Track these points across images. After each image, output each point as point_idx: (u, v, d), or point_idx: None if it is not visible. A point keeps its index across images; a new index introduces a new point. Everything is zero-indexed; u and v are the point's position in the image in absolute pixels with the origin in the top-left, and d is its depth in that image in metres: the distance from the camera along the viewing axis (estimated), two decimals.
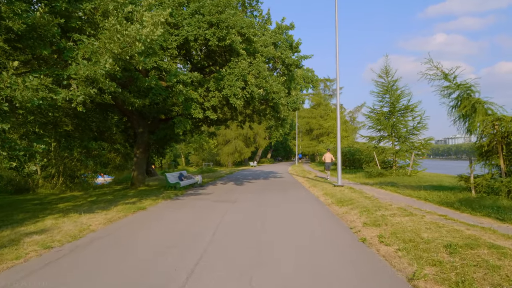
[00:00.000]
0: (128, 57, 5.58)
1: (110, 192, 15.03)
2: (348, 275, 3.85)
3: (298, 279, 3.75)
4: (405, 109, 15.61)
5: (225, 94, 10.32)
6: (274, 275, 3.89)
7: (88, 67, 5.17)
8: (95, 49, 5.45)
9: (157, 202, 10.28)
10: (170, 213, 8.26)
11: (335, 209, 8.32)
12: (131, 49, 5.52)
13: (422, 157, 15.88)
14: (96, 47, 5.44)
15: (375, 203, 8.17)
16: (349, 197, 9.61)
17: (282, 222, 6.91)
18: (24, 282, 3.86)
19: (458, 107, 7.81)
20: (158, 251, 4.90)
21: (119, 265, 4.33)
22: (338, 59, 12.61)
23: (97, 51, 5.44)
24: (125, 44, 5.44)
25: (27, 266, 4.33)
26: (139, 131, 15.72)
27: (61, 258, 4.61)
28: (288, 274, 3.90)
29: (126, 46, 5.48)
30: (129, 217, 7.74)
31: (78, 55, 5.57)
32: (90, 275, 3.99)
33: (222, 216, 7.64)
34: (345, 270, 4.02)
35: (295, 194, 12.09)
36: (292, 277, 3.81)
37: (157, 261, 4.42)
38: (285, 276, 3.84)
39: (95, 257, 4.68)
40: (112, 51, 5.37)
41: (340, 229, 6.24)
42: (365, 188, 12.21)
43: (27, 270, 4.15)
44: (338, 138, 12.52)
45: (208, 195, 12.05)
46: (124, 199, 11.10)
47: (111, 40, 5.30)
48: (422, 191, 9.99)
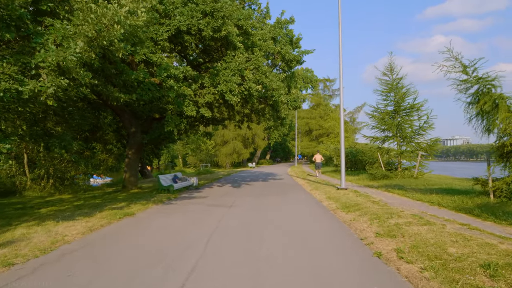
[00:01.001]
0: (105, 43, 4.82)
1: (100, 195, 14.24)
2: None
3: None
4: (410, 108, 14.88)
5: (220, 90, 9.56)
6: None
7: (56, 52, 4.41)
8: (67, 33, 4.69)
9: (147, 206, 9.49)
10: (160, 220, 7.48)
11: (341, 216, 7.56)
12: (109, 33, 4.77)
13: (429, 159, 15.17)
14: (68, 31, 4.68)
15: (385, 209, 7.42)
16: (355, 202, 8.85)
17: (282, 232, 6.14)
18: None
19: (476, 104, 7.08)
20: (137, 269, 4.13)
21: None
22: (341, 60, 11.88)
23: (69, 35, 4.69)
24: (101, 26, 4.68)
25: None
26: (131, 131, 14.94)
27: (16, 281, 3.83)
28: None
29: (103, 29, 4.73)
30: (112, 225, 6.95)
31: (49, 41, 4.81)
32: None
33: (216, 224, 6.87)
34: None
35: (296, 197, 11.33)
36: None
37: (134, 285, 3.65)
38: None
39: (58, 277, 3.91)
40: (86, 35, 4.62)
41: (350, 240, 5.48)
42: (370, 191, 11.47)
43: None
44: (342, 139, 11.78)
45: (203, 199, 11.28)
46: (112, 203, 10.32)
47: (85, 21, 4.54)
48: (434, 195, 9.25)
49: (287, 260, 4.39)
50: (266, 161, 59.48)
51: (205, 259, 4.48)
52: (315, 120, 49.97)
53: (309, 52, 13.02)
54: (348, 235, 5.83)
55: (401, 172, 14.73)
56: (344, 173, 11.75)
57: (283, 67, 13.26)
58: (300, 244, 5.17)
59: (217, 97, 15.72)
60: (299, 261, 4.35)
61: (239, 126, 18.36)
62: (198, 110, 10.60)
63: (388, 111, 15.49)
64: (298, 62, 13.15)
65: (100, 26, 4.62)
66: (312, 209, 8.81)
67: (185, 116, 15.57)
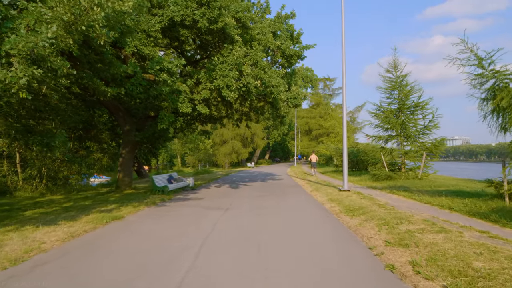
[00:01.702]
0: (83, 28, 4.27)
1: (93, 195, 13.68)
2: None
3: None
4: (415, 106, 14.34)
5: (217, 85, 9.00)
6: None
7: (26, 38, 3.87)
8: (40, 16, 4.14)
9: (139, 209, 8.94)
10: (149, 225, 6.93)
11: (345, 220, 7.01)
12: (88, 16, 4.23)
13: (434, 159, 14.64)
14: (42, 14, 4.13)
15: (393, 213, 6.88)
16: (359, 205, 8.31)
17: (282, 239, 5.59)
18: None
19: (492, 100, 6.54)
20: (114, 285, 3.58)
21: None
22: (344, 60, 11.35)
23: (43, 19, 4.14)
24: (79, 9, 4.14)
25: None
26: (125, 129, 14.39)
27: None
28: None
29: (81, 12, 4.19)
30: (97, 231, 6.40)
31: (21, 25, 4.27)
32: None
33: (210, 230, 6.32)
34: None
35: (296, 200, 10.79)
36: None
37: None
38: None
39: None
40: (62, 18, 4.07)
41: (357, 249, 4.94)
42: (374, 193, 10.93)
43: None
44: (345, 139, 11.25)
45: (199, 201, 10.73)
46: (102, 205, 9.78)
47: (60, 2, 4.00)
48: (443, 198, 8.71)
49: (289, 277, 3.85)
50: (265, 161, 58.93)
51: (193, 274, 3.93)
52: (315, 119, 49.40)
53: (311, 47, 12.46)
54: (354, 243, 5.28)
55: (405, 173, 14.20)
56: (347, 174, 11.20)
57: (283, 63, 12.72)
58: (303, 255, 4.62)
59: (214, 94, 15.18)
60: (302, 276, 3.81)
61: (237, 125, 17.82)
62: (194, 107, 10.05)
63: (392, 109, 14.94)
64: (299, 58, 12.61)
65: (78, 9, 4.07)
66: (313, 212, 8.26)
67: (181, 114, 15.05)
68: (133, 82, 7.63)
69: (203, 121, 15.67)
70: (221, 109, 17.39)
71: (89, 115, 18.35)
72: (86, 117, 18.22)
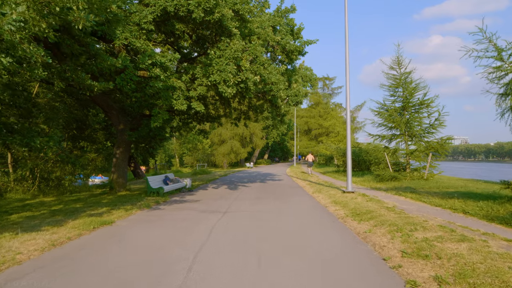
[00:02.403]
0: (57, 9, 3.73)
1: (85, 197, 13.11)
2: None
3: None
4: (420, 104, 13.83)
5: (213, 81, 8.45)
6: None
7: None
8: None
9: (130, 213, 8.38)
10: (140, 231, 6.37)
11: (352, 225, 6.48)
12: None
13: (440, 159, 14.13)
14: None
15: (404, 218, 6.35)
16: (365, 208, 7.78)
17: (285, 250, 5.05)
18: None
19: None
20: None
21: None
22: (348, 57, 10.82)
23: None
24: None
25: None
26: (119, 128, 13.82)
27: None
28: None
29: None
30: (82, 238, 5.84)
31: None
32: None
33: (206, 237, 5.77)
34: None
35: (298, 202, 10.25)
36: None
37: None
38: None
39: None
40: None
41: (370, 260, 4.40)
42: (379, 194, 10.41)
43: None
44: (348, 139, 10.72)
45: (195, 203, 10.18)
46: (93, 208, 9.22)
47: None
48: (454, 200, 8.19)
49: None
50: (264, 161, 58.40)
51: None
52: (315, 119, 48.91)
53: (312, 42, 11.92)
54: (366, 253, 4.74)
55: (410, 173, 13.68)
56: (351, 175, 10.67)
57: (284, 58, 12.17)
58: (309, 268, 4.09)
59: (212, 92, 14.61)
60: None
61: (235, 124, 17.26)
62: (190, 104, 9.50)
63: (396, 107, 14.42)
64: (299, 53, 12.06)
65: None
66: (317, 217, 7.72)
67: (177, 112, 14.49)
68: (124, 77, 7.07)
69: (200, 120, 15.11)
70: (219, 107, 16.85)
71: (83, 114, 17.80)
72: (80, 116, 17.70)
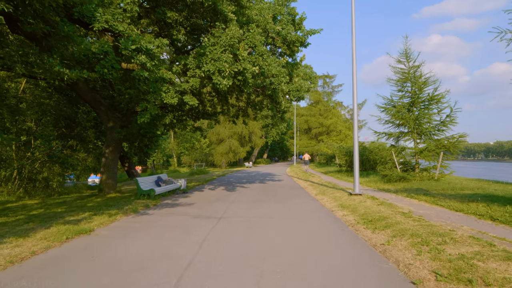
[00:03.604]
0: None
1: (72, 200, 12.24)
2: None
3: None
4: (429, 99, 12.96)
5: (207, 71, 7.57)
6: None
7: None
8: None
9: (114, 219, 7.49)
10: (120, 243, 5.49)
11: (366, 235, 5.61)
12: None
13: (451, 158, 13.27)
14: None
15: (426, 227, 5.48)
16: (378, 213, 6.92)
17: (289, 266, 4.18)
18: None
19: None
20: None
21: None
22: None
23: None
24: None
25: None
26: (108, 126, 12.93)
27: None
28: None
29: None
30: (50, 252, 4.96)
31: None
32: None
33: (197, 249, 4.90)
34: None
35: (301, 206, 9.38)
36: None
37: None
38: None
39: None
40: None
41: (396, 284, 3.53)
42: (389, 197, 9.55)
43: None
44: (355, 138, 9.86)
45: (189, 207, 9.31)
46: (75, 213, 8.33)
47: None
48: (476, 205, 7.34)
49: None
50: (264, 160, 57.56)
51: None
52: (315, 117, 48.03)
53: (316, 32, 11.02)
54: (389, 273, 3.87)
55: (419, 174, 12.81)
56: (358, 176, 9.80)
57: (285, 50, 11.29)
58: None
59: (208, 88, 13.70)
60: None
61: (233, 122, 16.39)
62: (182, 98, 8.61)
63: (404, 103, 13.54)
64: (302, 45, 11.19)
65: None
66: (324, 224, 6.85)
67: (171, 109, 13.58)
68: (104, 64, 6.17)
69: (196, 116, 14.22)
70: (216, 104, 15.97)
71: (72, 112, 16.88)
72: (69, 113, 16.78)
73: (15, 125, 16.00)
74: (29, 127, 17.00)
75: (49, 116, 16.38)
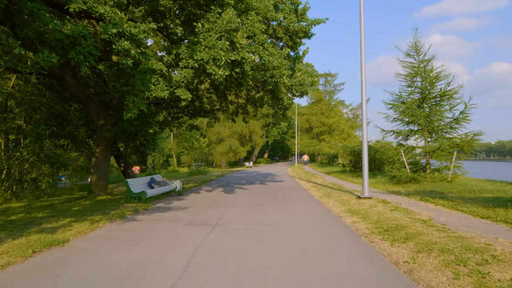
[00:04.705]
0: None
1: (59, 203, 11.43)
2: None
3: None
4: (441, 95, 12.11)
5: (200, 60, 6.74)
6: None
7: None
8: None
9: (96, 226, 6.67)
10: (94, 258, 4.67)
11: (384, 249, 4.77)
12: None
13: (465, 157, 12.43)
14: None
15: (455, 239, 4.64)
16: (394, 221, 6.09)
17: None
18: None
19: None
20: None
21: None
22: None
23: None
24: None
25: None
26: (99, 124, 12.13)
27: None
28: None
29: None
30: (7, 271, 4.14)
31: None
32: None
33: (184, 267, 4.07)
34: None
35: (305, 211, 8.55)
36: None
37: None
38: None
39: None
40: None
41: None
42: (401, 200, 8.72)
43: None
44: (364, 136, 9.03)
45: (182, 211, 8.49)
46: (54, 219, 7.52)
47: None
48: (503, 210, 6.50)
49: None
50: (264, 160, 56.74)
51: None
52: (316, 116, 47.15)
53: (321, 22, 10.16)
54: None
55: (430, 174, 11.96)
56: (367, 178, 8.96)
57: (287, 41, 10.46)
58: None
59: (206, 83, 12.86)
60: None
61: (232, 119, 15.56)
62: (173, 92, 7.79)
63: (415, 99, 12.68)
64: (305, 35, 10.35)
65: None
66: (332, 233, 6.01)
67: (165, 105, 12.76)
68: (80, 51, 5.35)
69: (192, 113, 13.39)
70: (215, 101, 15.15)
71: (63, 109, 16.09)
72: (61, 111, 15.99)
73: (4, 123, 15.24)
74: (19, 125, 16.24)
75: (39, 114, 15.61)
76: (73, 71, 11.21)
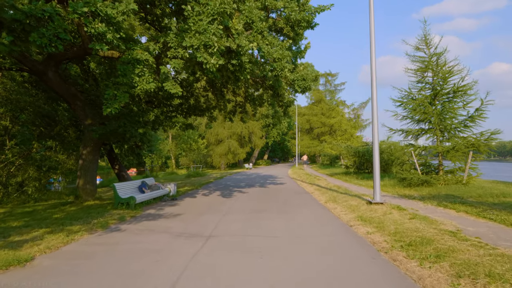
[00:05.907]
0: None
1: (43, 209, 10.58)
2: None
3: None
4: (454, 91, 11.26)
5: (190, 46, 5.88)
6: None
7: None
8: None
9: (71, 239, 5.79)
10: (58, 282, 3.79)
11: (411, 269, 3.89)
12: None
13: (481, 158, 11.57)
14: None
15: (502, 259, 3.78)
16: (415, 232, 5.22)
17: None
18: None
19: None
20: None
21: None
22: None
23: None
24: None
25: None
26: (86, 123, 11.26)
27: None
28: None
29: None
30: None
31: None
32: None
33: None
34: None
35: (310, 218, 7.67)
36: None
37: None
38: None
39: None
40: None
41: None
42: (418, 206, 7.84)
43: None
44: (375, 135, 8.17)
45: (173, 219, 7.61)
46: (26, 229, 6.64)
47: None
48: None
49: None
50: (264, 161, 55.85)
51: None
52: (317, 117, 46.26)
53: (325, 9, 9.30)
54: None
55: (443, 177, 11.08)
56: (379, 181, 8.08)
57: (288, 31, 9.61)
58: None
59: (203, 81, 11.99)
60: None
61: (230, 119, 14.69)
62: (162, 86, 6.93)
63: (426, 95, 11.81)
64: (308, 25, 9.50)
65: None
66: (343, 246, 5.13)
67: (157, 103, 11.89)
68: (43, 33, 4.49)
69: (186, 112, 12.51)
70: (211, 99, 14.29)
71: (51, 109, 15.23)
72: (48, 111, 15.13)
73: None
74: (4, 126, 15.38)
75: (26, 114, 14.76)
76: (57, 67, 10.35)
